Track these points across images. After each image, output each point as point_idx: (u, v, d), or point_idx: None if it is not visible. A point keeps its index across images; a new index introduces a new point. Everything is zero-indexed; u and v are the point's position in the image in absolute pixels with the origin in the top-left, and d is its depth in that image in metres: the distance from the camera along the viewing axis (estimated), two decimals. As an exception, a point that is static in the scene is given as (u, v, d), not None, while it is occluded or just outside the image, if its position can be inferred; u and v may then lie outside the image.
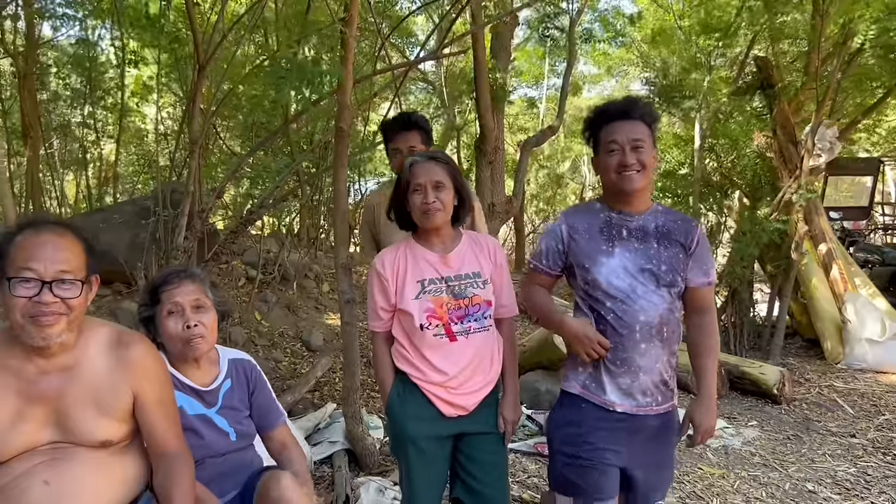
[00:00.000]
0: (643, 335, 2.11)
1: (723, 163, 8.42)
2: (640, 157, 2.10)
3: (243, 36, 5.46)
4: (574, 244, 2.21)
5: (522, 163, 8.20)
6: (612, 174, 2.14)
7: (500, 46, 7.79)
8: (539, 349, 5.23)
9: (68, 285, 1.68)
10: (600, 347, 2.12)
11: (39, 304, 1.64)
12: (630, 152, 2.10)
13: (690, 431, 2.23)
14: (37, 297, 1.64)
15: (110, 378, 1.83)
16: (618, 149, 2.12)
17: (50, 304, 1.65)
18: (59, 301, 1.66)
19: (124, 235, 5.48)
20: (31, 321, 1.65)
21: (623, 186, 2.13)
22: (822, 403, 5.57)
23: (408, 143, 3.26)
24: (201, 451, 2.15)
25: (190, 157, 4.44)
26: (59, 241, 1.70)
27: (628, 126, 2.13)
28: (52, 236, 1.70)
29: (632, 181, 2.11)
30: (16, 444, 1.72)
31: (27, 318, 1.65)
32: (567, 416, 2.23)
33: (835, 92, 7.13)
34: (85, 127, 7.91)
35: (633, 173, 2.10)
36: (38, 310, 1.64)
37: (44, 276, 1.64)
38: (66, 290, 1.68)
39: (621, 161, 2.11)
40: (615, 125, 2.14)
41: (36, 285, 1.64)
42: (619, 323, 2.12)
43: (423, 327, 2.27)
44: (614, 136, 2.13)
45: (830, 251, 7.38)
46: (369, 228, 3.49)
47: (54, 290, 1.65)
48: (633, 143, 2.10)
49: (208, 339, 2.20)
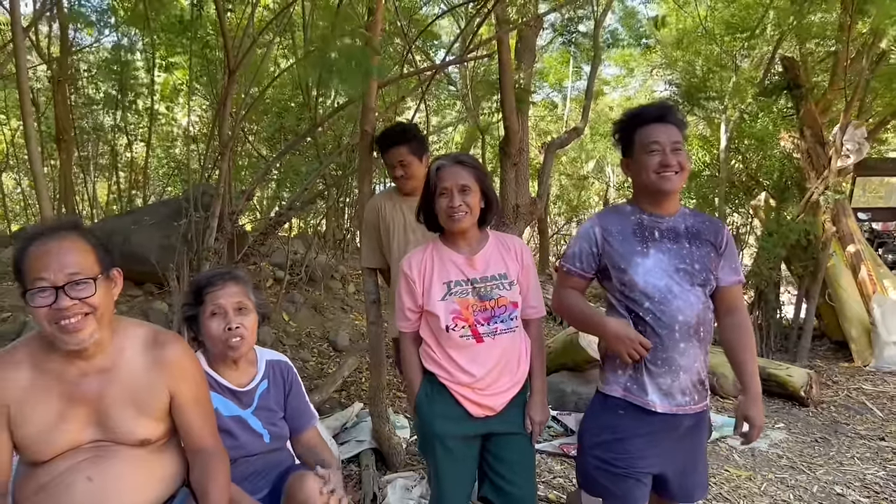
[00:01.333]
0: (682, 334, 2.13)
1: (749, 164, 8.36)
2: (679, 158, 2.14)
3: (272, 40, 5.54)
4: (608, 246, 2.23)
5: (547, 164, 8.18)
6: (651, 174, 2.16)
7: (524, 48, 7.79)
8: (563, 350, 5.24)
9: (81, 285, 1.71)
10: (642, 348, 2.13)
11: (59, 310, 1.68)
12: (671, 153, 2.14)
13: (746, 429, 2.24)
14: (55, 304, 1.67)
15: (147, 378, 1.88)
16: (659, 149, 2.15)
17: (69, 307, 1.68)
18: (78, 302, 1.70)
19: (155, 237, 5.57)
20: (58, 329, 1.70)
21: (662, 186, 2.16)
22: (851, 406, 5.52)
23: (397, 157, 3.30)
24: (236, 452, 2.20)
25: (220, 160, 4.52)
26: (63, 244, 1.73)
27: (667, 129, 2.17)
28: (55, 242, 1.73)
29: (671, 182, 2.14)
30: (60, 443, 1.78)
31: (53, 325, 1.69)
32: (604, 422, 2.25)
33: (863, 91, 7.05)
34: (117, 130, 8.06)
35: (673, 174, 2.14)
36: (60, 315, 1.68)
37: (56, 283, 1.68)
38: (81, 291, 1.71)
39: (663, 161, 2.14)
40: (654, 127, 2.18)
41: (51, 293, 1.68)
42: (658, 323, 2.14)
43: (448, 329, 2.30)
44: (656, 136, 2.16)
45: (859, 252, 7.30)
46: (374, 230, 3.51)
47: (69, 293, 1.68)
48: (673, 144, 2.15)
49: (248, 341, 2.25)
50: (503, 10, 5.67)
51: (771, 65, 7.85)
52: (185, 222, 4.65)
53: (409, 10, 7.66)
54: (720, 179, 7.68)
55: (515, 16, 6.12)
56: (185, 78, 7.52)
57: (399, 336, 2.50)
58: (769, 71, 7.82)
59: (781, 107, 7.78)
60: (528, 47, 7.78)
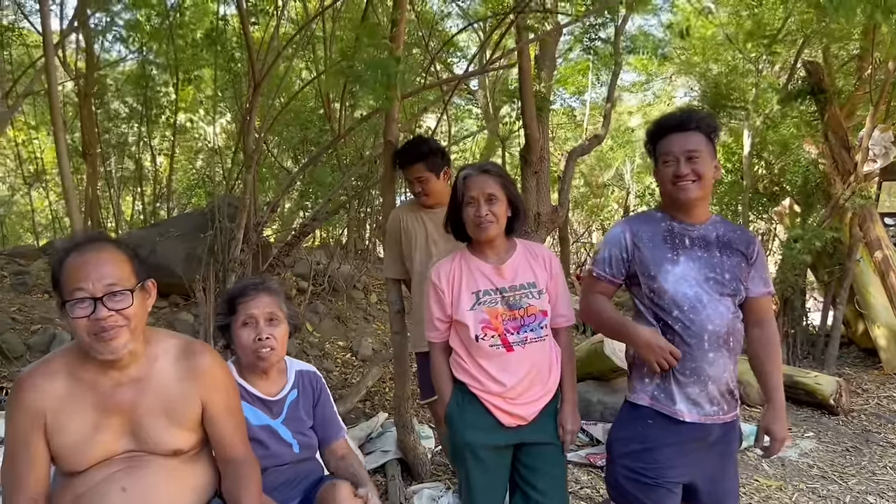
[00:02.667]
0: (711, 344, 2.12)
1: (772, 169, 8.28)
2: (695, 167, 2.12)
3: (296, 52, 5.60)
4: (638, 252, 2.22)
5: (568, 172, 8.16)
6: (668, 185, 2.17)
7: (544, 56, 7.80)
8: (588, 360, 5.21)
9: (119, 297, 1.74)
10: (671, 357, 2.12)
11: (98, 320, 1.70)
12: (685, 163, 2.12)
13: (766, 443, 2.22)
14: (94, 315, 1.70)
15: (180, 388, 1.90)
16: (672, 160, 2.15)
17: (107, 318, 1.71)
18: (115, 314, 1.72)
19: (180, 248, 5.63)
20: (95, 339, 1.72)
21: (678, 196, 2.16)
22: (882, 415, 5.43)
23: (414, 174, 3.31)
24: (266, 462, 2.21)
25: (245, 171, 4.56)
26: (101, 255, 1.76)
27: (683, 138, 2.15)
28: (93, 254, 1.76)
29: (687, 191, 2.13)
30: (95, 453, 1.81)
31: (91, 336, 1.72)
32: (633, 432, 2.23)
33: (889, 95, 6.97)
34: (142, 144, 8.17)
35: (689, 183, 2.13)
36: (98, 326, 1.71)
37: (94, 294, 1.70)
38: (119, 302, 1.73)
39: (675, 172, 2.14)
40: (671, 137, 2.18)
41: (90, 304, 1.70)
42: (687, 332, 2.12)
43: (478, 338, 2.30)
44: (669, 147, 2.17)
45: (887, 258, 7.18)
46: (396, 241, 3.52)
47: (107, 304, 1.71)
48: (687, 153, 2.13)
49: (278, 352, 2.28)
50: (524, 20, 5.68)
51: (794, 70, 7.77)
52: (211, 234, 4.70)
53: (430, 22, 7.70)
54: (744, 186, 7.61)
55: (536, 25, 6.12)
56: (209, 91, 7.61)
57: (429, 346, 2.50)
58: (792, 76, 7.75)
59: (805, 112, 7.71)
60: (549, 55, 7.79)
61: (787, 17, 7.23)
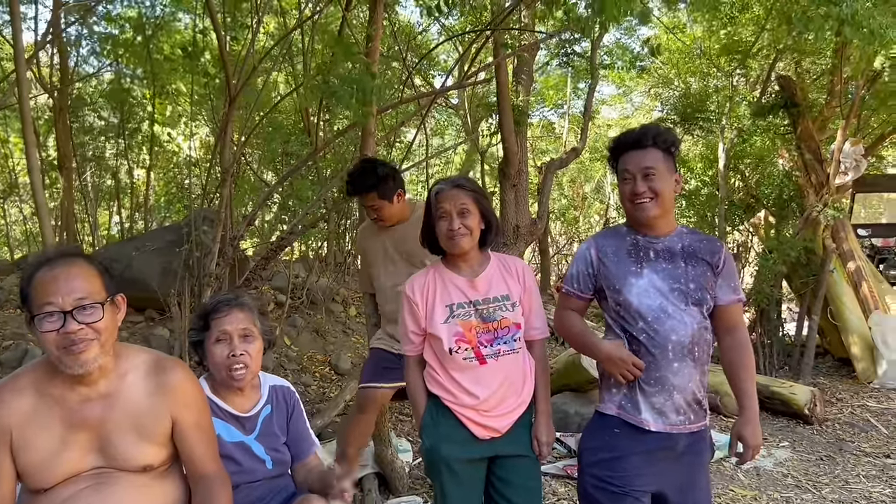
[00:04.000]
0: (676, 354, 2.14)
1: (748, 181, 8.39)
2: (651, 184, 2.15)
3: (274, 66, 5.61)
4: (603, 267, 2.26)
5: (546, 185, 8.23)
6: (627, 203, 2.22)
7: (522, 70, 7.87)
8: (566, 371, 5.24)
9: (89, 310, 1.74)
10: (635, 368, 2.15)
11: (67, 334, 1.70)
12: (641, 181, 2.16)
13: (740, 450, 2.24)
14: (63, 329, 1.70)
15: (150, 404, 1.89)
16: (630, 178, 2.18)
17: (76, 331, 1.71)
18: (85, 327, 1.72)
19: (156, 263, 5.59)
20: (64, 352, 1.72)
21: (637, 215, 2.20)
22: (855, 423, 5.49)
23: (367, 202, 3.34)
24: (238, 478, 2.20)
25: (221, 186, 4.55)
26: (71, 270, 1.76)
27: (640, 155, 2.18)
28: (62, 268, 1.76)
29: (644, 209, 2.17)
30: (62, 470, 1.79)
31: (61, 350, 1.71)
32: (601, 441, 2.25)
33: (859, 109, 7.10)
34: (118, 157, 8.12)
35: (646, 202, 2.16)
36: (67, 340, 1.71)
37: (63, 307, 1.70)
38: (89, 315, 1.74)
39: (633, 190, 2.17)
40: (629, 155, 2.21)
41: (59, 318, 1.70)
42: (651, 343, 2.15)
43: (452, 351, 2.31)
44: (626, 165, 2.20)
45: (859, 269, 7.30)
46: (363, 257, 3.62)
47: (77, 318, 1.71)
48: (643, 171, 2.16)
49: (252, 369, 2.26)
50: (501, 35, 5.73)
51: (767, 83, 7.90)
52: (187, 248, 4.67)
53: (407, 35, 7.74)
54: (719, 198, 7.70)
55: (513, 41, 6.19)
56: (186, 105, 7.59)
57: (405, 359, 2.51)
58: (765, 90, 7.87)
59: (779, 125, 7.82)
60: (526, 70, 7.86)
61: (761, 33, 7.35)
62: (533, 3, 6.28)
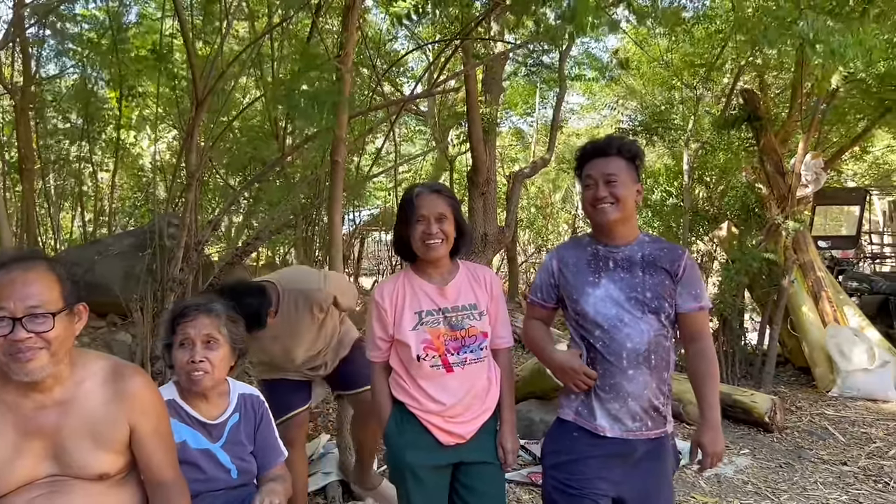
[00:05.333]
0: (630, 362, 2.18)
1: (712, 193, 8.53)
2: (613, 190, 2.20)
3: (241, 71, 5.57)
4: (563, 278, 2.32)
5: (515, 193, 8.30)
6: (588, 207, 2.27)
7: (491, 79, 7.93)
8: (532, 379, 5.26)
9: (41, 319, 1.69)
10: (587, 378, 2.20)
11: (15, 341, 1.66)
12: (603, 186, 2.21)
13: (699, 457, 2.28)
14: (10, 336, 1.66)
15: (107, 411, 1.86)
16: (592, 183, 2.24)
17: (24, 339, 1.67)
18: (34, 336, 1.68)
19: (119, 267, 5.50)
20: (11, 359, 1.68)
21: (597, 219, 2.25)
22: (814, 431, 5.60)
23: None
24: (201, 486, 2.18)
25: (187, 190, 4.50)
26: (28, 275, 1.72)
27: (604, 162, 2.24)
28: (19, 273, 1.72)
29: (605, 213, 2.21)
30: (15, 478, 1.76)
31: (7, 356, 1.68)
32: (559, 444, 2.30)
33: (819, 123, 7.27)
34: (81, 160, 7.97)
35: (607, 206, 2.20)
36: (14, 347, 1.67)
37: (14, 313, 1.67)
38: (39, 325, 1.69)
39: (594, 195, 2.22)
40: (592, 162, 2.27)
41: (8, 324, 1.66)
42: (607, 350, 2.19)
43: (419, 358, 2.32)
44: (589, 171, 2.26)
45: (819, 280, 7.45)
46: None
47: (27, 326, 1.67)
48: (606, 177, 2.21)
49: (213, 376, 2.24)
50: (470, 44, 5.77)
51: (731, 97, 8.05)
52: (150, 253, 4.61)
53: (377, 43, 7.74)
54: (684, 208, 7.82)
55: (482, 50, 6.23)
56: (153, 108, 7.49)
57: (370, 365, 2.51)
58: (729, 103, 8.03)
59: (742, 138, 7.98)
60: (495, 77, 7.92)
61: (723, 47, 7.50)
62: (503, 13, 6.34)
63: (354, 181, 7.23)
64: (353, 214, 10.08)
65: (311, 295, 3.28)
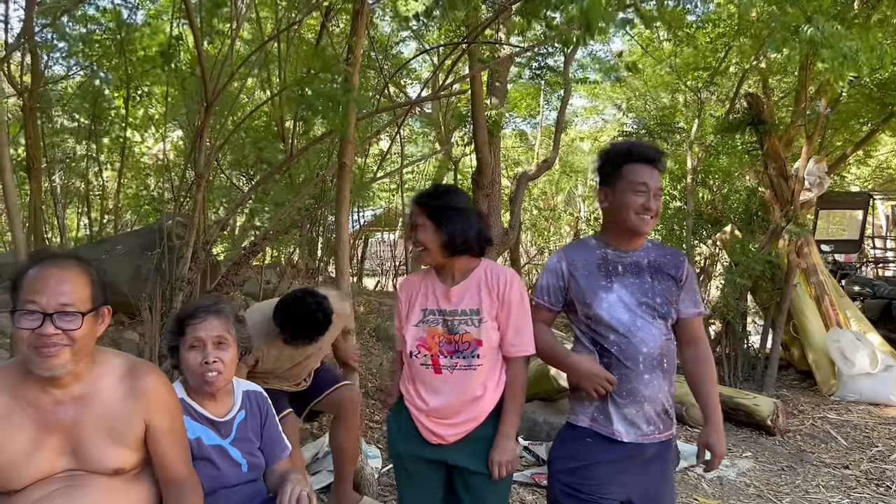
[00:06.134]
0: (646, 366, 2.20)
1: (715, 196, 8.55)
2: (658, 204, 2.23)
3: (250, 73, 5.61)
4: (574, 281, 2.30)
5: (518, 195, 8.33)
6: (631, 214, 2.21)
7: (496, 82, 7.96)
8: (535, 381, 5.28)
9: (70, 318, 1.73)
10: (607, 383, 2.20)
11: (42, 335, 1.70)
12: (653, 199, 2.22)
13: (707, 458, 2.32)
14: (39, 329, 1.70)
15: (123, 408, 1.90)
16: (646, 192, 2.21)
17: (51, 335, 1.70)
18: (61, 333, 1.72)
19: (127, 266, 5.54)
20: (35, 352, 1.71)
21: (639, 228, 2.23)
22: (816, 435, 5.62)
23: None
24: (215, 482, 2.21)
25: (196, 190, 4.54)
26: (62, 273, 1.77)
27: (655, 174, 2.25)
28: (55, 270, 1.76)
29: (646, 224, 2.23)
30: (33, 472, 1.79)
31: (32, 349, 1.71)
32: (571, 451, 2.29)
33: (823, 128, 7.29)
34: (88, 160, 8.02)
35: (649, 219, 2.22)
36: (40, 341, 1.70)
37: (46, 309, 1.70)
38: (68, 323, 1.73)
39: (645, 204, 2.20)
40: (644, 168, 2.24)
41: (38, 318, 1.70)
42: (623, 355, 2.21)
43: (412, 354, 2.39)
44: (645, 179, 2.22)
45: (822, 284, 7.47)
46: None
47: (56, 322, 1.71)
48: (657, 190, 2.23)
49: (225, 376, 2.27)
50: (475, 48, 5.80)
51: (735, 101, 8.08)
52: (158, 252, 4.65)
53: (384, 46, 7.78)
54: (687, 211, 7.84)
55: (488, 53, 6.26)
56: (161, 108, 7.54)
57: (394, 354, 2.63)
58: (733, 107, 8.05)
59: (746, 141, 8.00)
60: (500, 80, 7.95)
61: (728, 51, 7.52)
62: (509, 17, 6.37)
63: (359, 182, 7.27)
64: (357, 215, 10.13)
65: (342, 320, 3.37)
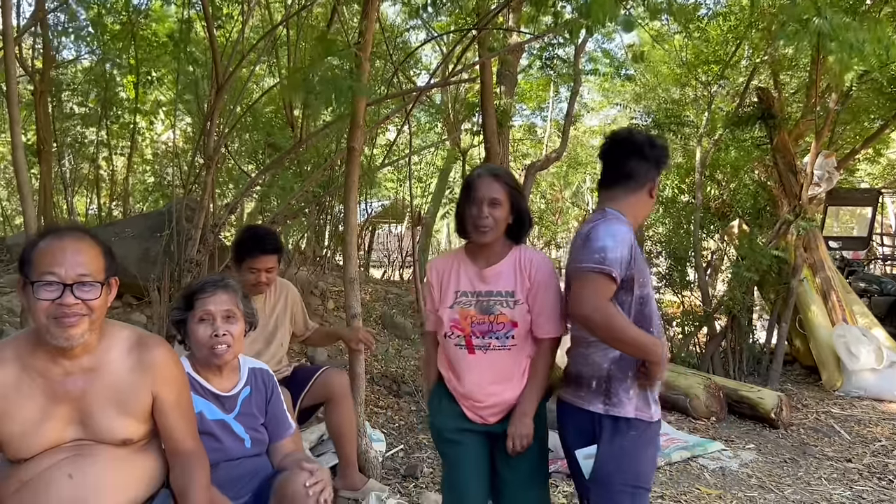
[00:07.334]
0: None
1: (723, 190, 8.53)
2: None
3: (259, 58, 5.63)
4: (637, 257, 2.15)
5: (527, 186, 8.30)
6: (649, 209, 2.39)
7: (506, 71, 7.95)
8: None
9: (88, 287, 1.76)
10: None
11: (62, 305, 1.72)
12: None
13: None
14: (59, 300, 1.72)
15: (131, 379, 1.92)
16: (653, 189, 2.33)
17: (72, 305, 1.73)
18: (81, 302, 1.74)
19: (135, 248, 5.57)
20: (54, 322, 1.73)
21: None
22: (819, 429, 5.62)
23: (266, 265, 3.31)
24: (218, 455, 2.24)
25: (206, 174, 4.57)
26: (79, 244, 1.79)
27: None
28: (71, 241, 1.79)
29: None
30: (42, 441, 1.82)
31: (51, 319, 1.73)
32: (642, 454, 2.21)
33: (833, 123, 7.26)
34: (98, 144, 8.07)
35: None
36: (60, 311, 1.72)
37: (65, 279, 1.73)
38: (87, 292, 1.76)
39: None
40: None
41: (58, 288, 1.72)
42: (659, 335, 2.23)
43: (447, 335, 2.40)
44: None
45: (829, 279, 7.45)
46: None
47: (75, 292, 1.73)
48: None
49: (234, 349, 2.31)
50: (486, 36, 5.79)
51: (745, 95, 8.04)
52: (167, 234, 4.68)
53: (393, 34, 7.77)
54: (695, 205, 7.82)
55: (498, 42, 6.25)
56: (170, 93, 7.56)
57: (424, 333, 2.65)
58: (743, 101, 8.02)
59: (755, 136, 7.97)
60: (510, 71, 7.93)
61: (739, 45, 7.49)
62: (519, 7, 6.36)
63: (367, 169, 7.28)
64: (365, 204, 10.15)
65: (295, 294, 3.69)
